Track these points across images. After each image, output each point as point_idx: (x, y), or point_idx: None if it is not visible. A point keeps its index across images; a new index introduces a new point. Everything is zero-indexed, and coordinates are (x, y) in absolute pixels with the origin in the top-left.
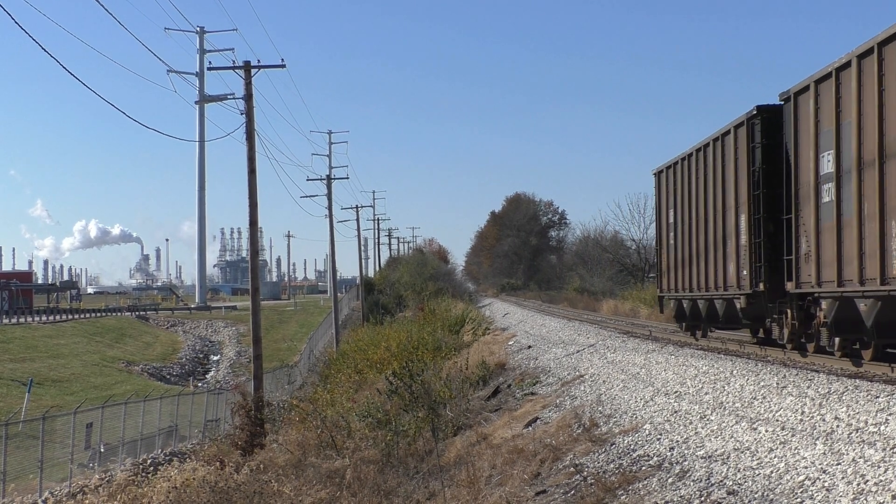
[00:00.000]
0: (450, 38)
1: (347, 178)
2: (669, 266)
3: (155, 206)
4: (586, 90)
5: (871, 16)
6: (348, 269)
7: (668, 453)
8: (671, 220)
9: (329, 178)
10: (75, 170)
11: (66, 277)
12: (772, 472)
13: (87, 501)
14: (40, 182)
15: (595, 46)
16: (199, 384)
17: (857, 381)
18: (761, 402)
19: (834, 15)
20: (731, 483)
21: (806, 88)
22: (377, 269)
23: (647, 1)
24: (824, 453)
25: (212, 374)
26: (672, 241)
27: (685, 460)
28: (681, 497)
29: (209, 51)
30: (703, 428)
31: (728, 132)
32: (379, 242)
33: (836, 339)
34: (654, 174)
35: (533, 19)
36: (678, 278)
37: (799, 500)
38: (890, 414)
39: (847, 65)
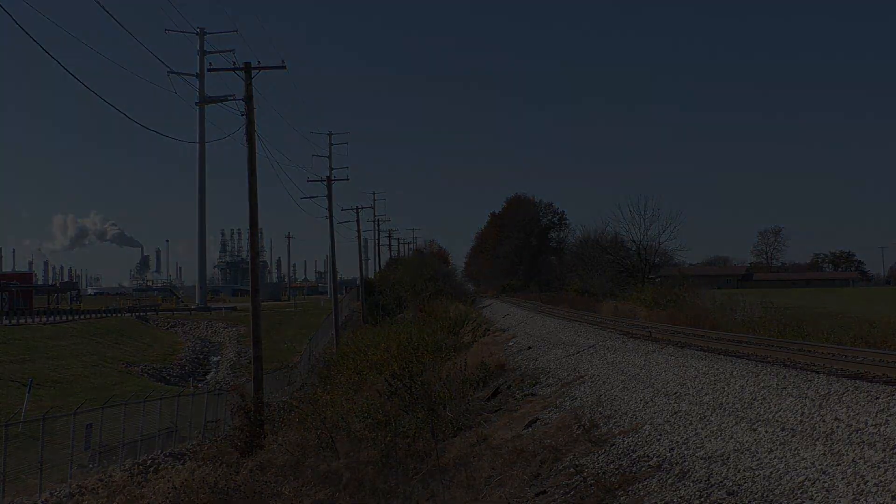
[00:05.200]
0: (449, 40)
1: (348, 179)
2: None
3: (154, 207)
4: (586, 92)
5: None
6: (348, 270)
7: (668, 454)
8: None
9: (329, 180)
10: (73, 172)
11: (66, 279)
12: (771, 472)
13: (86, 502)
14: (33, 183)
15: (594, 49)
16: (199, 385)
17: (857, 381)
18: (761, 403)
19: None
20: (730, 484)
21: None
22: (377, 270)
23: (646, 3)
24: (824, 454)
25: (212, 375)
26: None
27: (685, 461)
28: (680, 498)
29: (209, 52)
30: (702, 429)
31: None
32: (379, 244)
33: None
34: None
35: (533, 22)
36: None
37: (798, 500)
38: (890, 415)
39: None
